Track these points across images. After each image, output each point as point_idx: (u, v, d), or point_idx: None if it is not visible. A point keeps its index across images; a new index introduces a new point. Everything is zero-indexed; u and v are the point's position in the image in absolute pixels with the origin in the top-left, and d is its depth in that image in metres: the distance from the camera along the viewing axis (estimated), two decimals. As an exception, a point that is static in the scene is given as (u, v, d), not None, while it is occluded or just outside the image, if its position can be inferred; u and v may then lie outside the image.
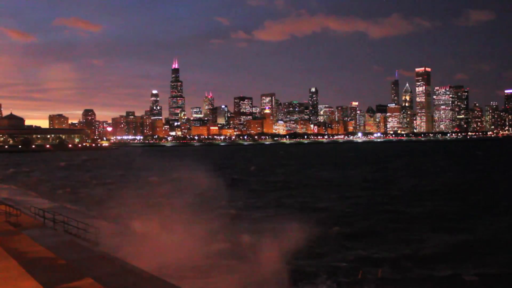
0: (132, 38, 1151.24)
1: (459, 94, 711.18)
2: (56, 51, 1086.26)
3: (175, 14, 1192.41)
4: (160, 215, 37.14)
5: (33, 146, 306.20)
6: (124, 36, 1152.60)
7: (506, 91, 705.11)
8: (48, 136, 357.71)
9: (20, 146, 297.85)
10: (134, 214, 40.51)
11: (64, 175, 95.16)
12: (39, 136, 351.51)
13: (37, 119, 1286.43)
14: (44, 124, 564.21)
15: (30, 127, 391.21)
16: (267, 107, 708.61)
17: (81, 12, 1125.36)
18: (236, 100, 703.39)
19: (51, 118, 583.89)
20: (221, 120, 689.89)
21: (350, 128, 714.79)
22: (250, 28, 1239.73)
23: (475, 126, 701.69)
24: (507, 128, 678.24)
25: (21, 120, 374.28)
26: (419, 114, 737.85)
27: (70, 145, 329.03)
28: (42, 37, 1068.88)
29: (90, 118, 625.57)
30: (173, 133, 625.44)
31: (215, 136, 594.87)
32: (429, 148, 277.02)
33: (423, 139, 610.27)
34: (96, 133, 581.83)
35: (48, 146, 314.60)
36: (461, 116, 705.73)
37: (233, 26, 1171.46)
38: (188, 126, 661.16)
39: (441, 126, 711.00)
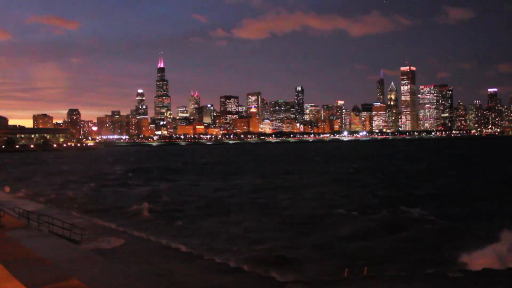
0: (111, 36, 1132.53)
1: (443, 92, 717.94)
2: (35, 50, 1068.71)
3: (152, 11, 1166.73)
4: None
5: (17, 146, 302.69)
6: (102, 34, 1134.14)
7: (489, 90, 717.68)
8: (33, 136, 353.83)
9: (3, 146, 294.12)
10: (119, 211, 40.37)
11: None
12: (23, 136, 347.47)
13: (21, 119, 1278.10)
14: (29, 123, 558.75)
15: (14, 126, 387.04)
16: (253, 106, 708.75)
17: (56, 10, 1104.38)
18: (222, 99, 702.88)
19: (36, 118, 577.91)
20: (207, 119, 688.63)
21: (336, 127, 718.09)
22: (228, 26, 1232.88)
23: (459, 124, 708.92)
24: (490, 126, 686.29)
25: (5, 119, 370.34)
26: (404, 112, 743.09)
27: (55, 145, 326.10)
28: (18, 35, 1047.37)
29: (75, 117, 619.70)
30: (159, 133, 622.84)
31: (201, 135, 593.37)
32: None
33: (408, 137, 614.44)
34: (81, 132, 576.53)
35: (32, 146, 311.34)
36: (445, 115, 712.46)
37: (211, 24, 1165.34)
38: (174, 125, 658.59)
39: (425, 124, 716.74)
